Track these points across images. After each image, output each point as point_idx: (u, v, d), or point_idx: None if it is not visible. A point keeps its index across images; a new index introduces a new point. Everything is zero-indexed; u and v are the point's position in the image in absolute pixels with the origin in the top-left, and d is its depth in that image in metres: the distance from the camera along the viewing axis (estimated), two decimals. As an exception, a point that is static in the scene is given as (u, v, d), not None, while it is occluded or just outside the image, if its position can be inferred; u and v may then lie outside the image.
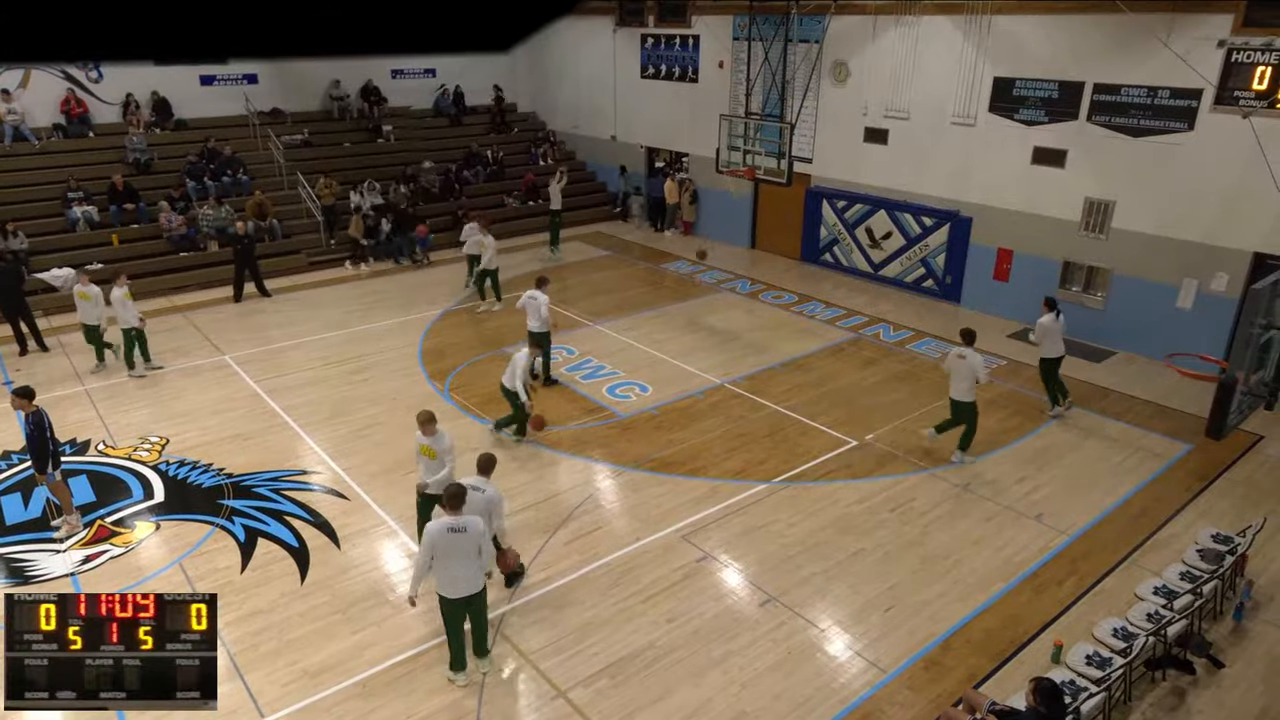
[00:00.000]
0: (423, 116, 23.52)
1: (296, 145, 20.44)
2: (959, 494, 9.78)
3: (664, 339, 14.43)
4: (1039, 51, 13.97)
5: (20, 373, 12.82)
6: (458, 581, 6.57)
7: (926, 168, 16.10)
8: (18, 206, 16.57)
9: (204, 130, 19.68)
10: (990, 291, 15.58)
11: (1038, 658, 7.18)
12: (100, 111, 19.18)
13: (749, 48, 17.82)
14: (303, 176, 19.27)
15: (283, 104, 21.32)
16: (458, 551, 6.50)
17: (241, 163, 19.32)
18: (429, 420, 8.05)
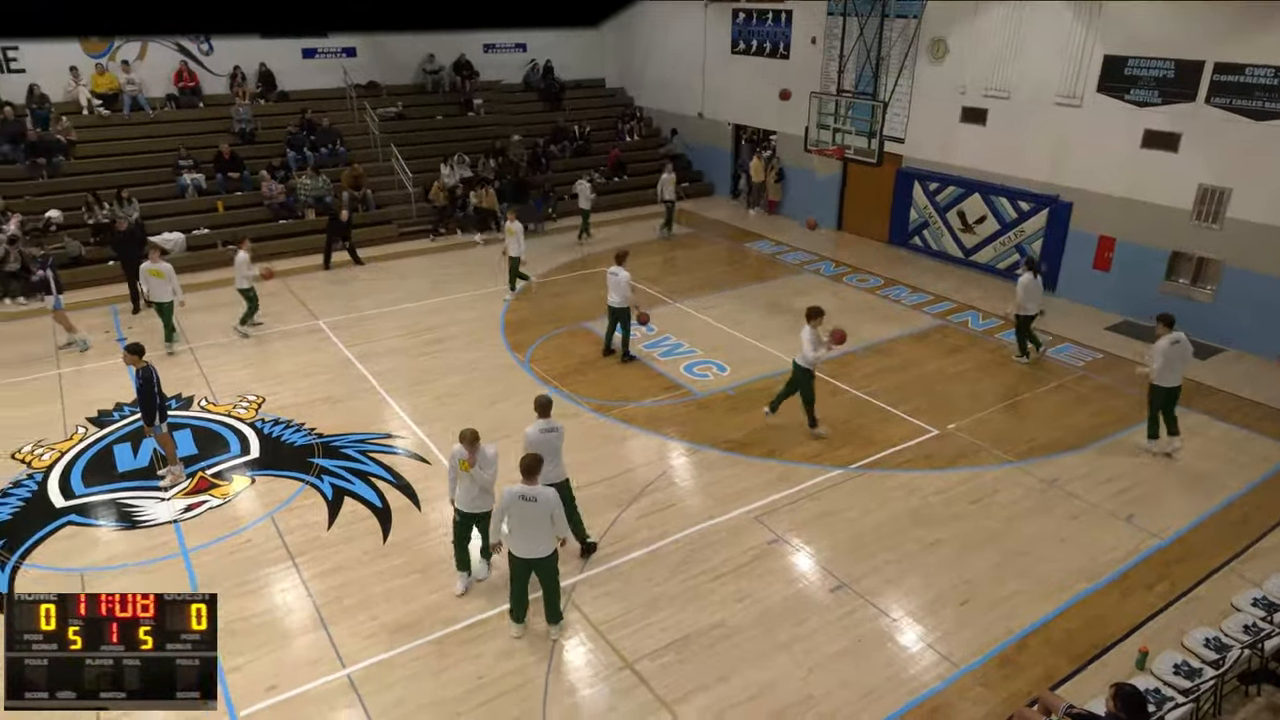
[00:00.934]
0: (513, 91, 23.77)
1: (391, 118, 20.95)
2: (1044, 489, 9.45)
3: (744, 319, 14.32)
4: (1155, 28, 13.16)
5: (132, 330, 13.63)
6: (526, 545, 6.87)
7: (1026, 150, 15.44)
8: (133, 173, 17.52)
9: (304, 102, 20.34)
10: (1089, 281, 14.89)
11: (1121, 663, 6.91)
12: (209, 83, 20.04)
13: (843, 23, 17.31)
14: (396, 149, 19.77)
15: (379, 77, 21.86)
16: (530, 519, 6.72)
17: (339, 134, 19.93)
18: (474, 440, 7.28)
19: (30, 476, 9.59)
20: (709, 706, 6.55)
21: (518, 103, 23.49)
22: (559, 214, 20.13)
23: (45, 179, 16.93)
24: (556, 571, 7.11)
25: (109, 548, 8.44)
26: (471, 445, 7.26)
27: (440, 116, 21.98)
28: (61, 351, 12.86)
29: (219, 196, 17.95)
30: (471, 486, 7.35)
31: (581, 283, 16.14)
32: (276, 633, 7.31)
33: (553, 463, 7.59)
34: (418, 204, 19.32)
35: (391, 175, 19.72)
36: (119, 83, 18.78)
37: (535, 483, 6.75)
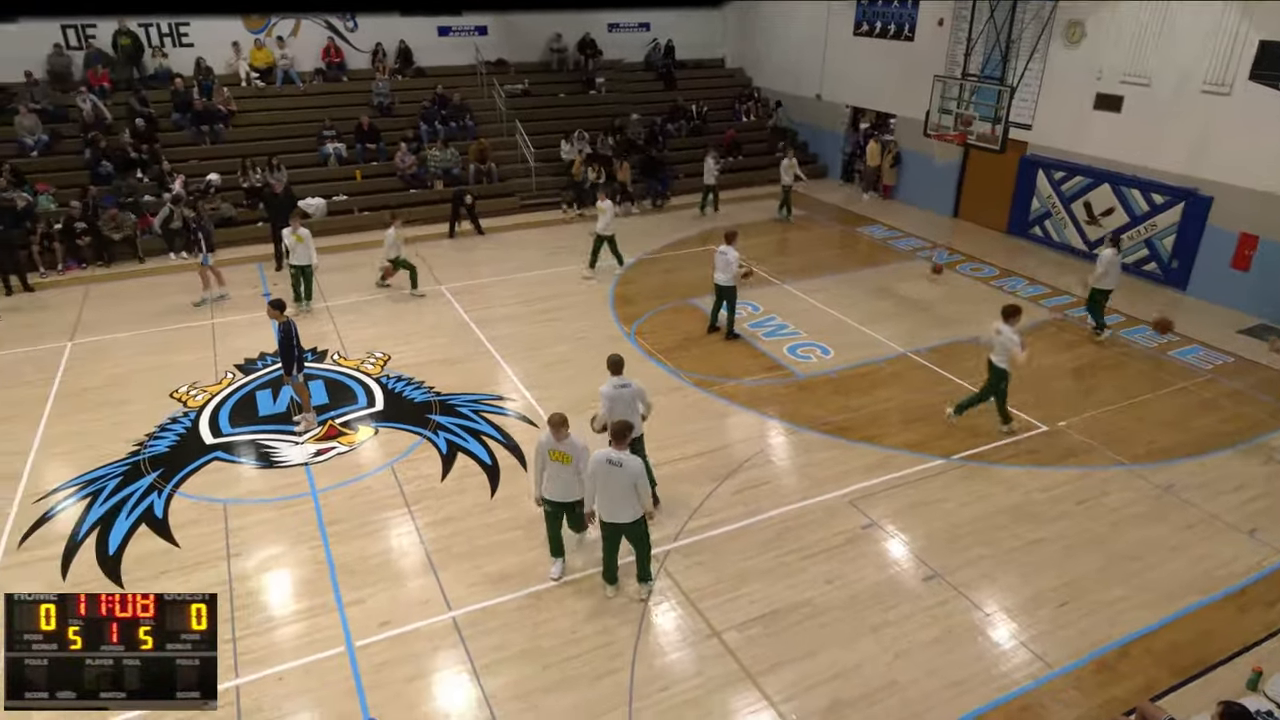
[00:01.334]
0: (633, 70, 23.76)
1: (517, 94, 21.32)
2: (1159, 495, 8.86)
3: (850, 303, 13.96)
4: (1322, 11, 11.93)
5: (277, 286, 14.49)
6: (609, 508, 6.95)
7: (1164, 140, 14.32)
8: (283, 141, 18.52)
9: (438, 78, 20.95)
10: (1225, 280, 13.75)
11: (1230, 682, 6.43)
12: (353, 59, 20.91)
13: (973, 5, 16.47)
14: (520, 125, 20.13)
15: (508, 55, 22.27)
16: (614, 483, 6.80)
17: (468, 109, 20.45)
18: (562, 424, 6.91)
19: (185, 414, 10.39)
20: (793, 682, 6.51)
21: (638, 81, 23.47)
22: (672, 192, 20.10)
23: (208, 145, 18.12)
24: (645, 535, 7.21)
25: (249, 483, 9.07)
26: (559, 430, 6.89)
27: (563, 94, 22.22)
28: (199, 307, 13.73)
29: (357, 165, 18.78)
30: (563, 473, 7.04)
31: (690, 260, 16.08)
32: (391, 573, 7.70)
33: (626, 415, 7.67)
34: (538, 178, 19.67)
35: (515, 150, 20.12)
36: (274, 57, 19.85)
37: (624, 448, 6.81)
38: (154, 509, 8.56)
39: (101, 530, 8.23)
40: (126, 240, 15.70)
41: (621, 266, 15.38)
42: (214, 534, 8.20)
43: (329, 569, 7.73)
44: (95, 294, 14.38)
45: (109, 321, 13.21)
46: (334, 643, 6.88)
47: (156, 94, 18.28)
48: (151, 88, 18.39)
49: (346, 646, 6.83)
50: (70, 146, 17.10)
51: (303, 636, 6.95)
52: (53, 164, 16.72)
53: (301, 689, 6.44)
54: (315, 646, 6.84)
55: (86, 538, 8.12)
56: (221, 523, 8.36)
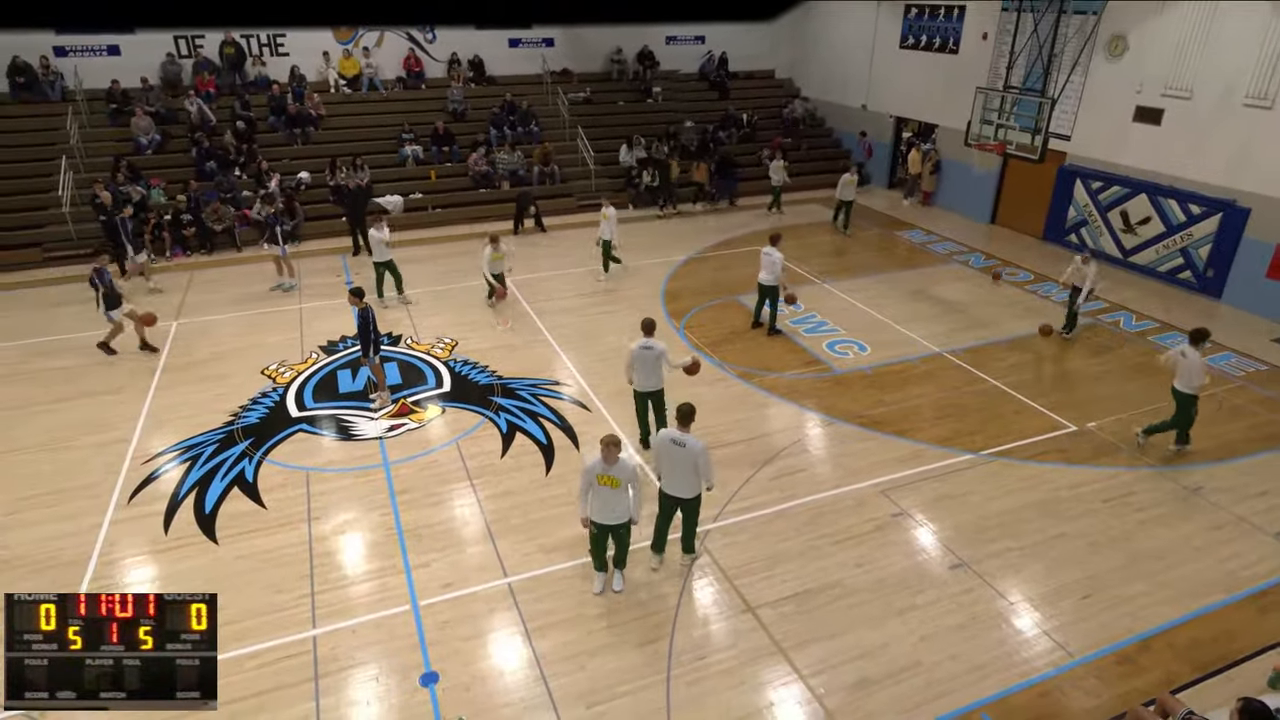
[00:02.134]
0: (689, 80, 23.62)
1: (579, 102, 21.39)
2: (1186, 496, 8.53)
3: (888, 303, 13.71)
4: (1370, 26, 11.26)
5: (358, 275, 14.82)
6: (672, 484, 7.01)
7: (1203, 152, 13.71)
8: (366, 144, 18.90)
9: (507, 86, 21.13)
10: (1261, 290, 13.13)
11: (1250, 680, 6.18)
12: (431, 68, 21.20)
13: (1017, 19, 15.95)
14: (582, 130, 20.19)
15: (572, 65, 22.33)
16: (678, 462, 6.87)
17: (534, 115, 20.59)
18: (614, 444, 6.49)
19: (274, 389, 10.72)
20: (822, 658, 6.46)
21: (692, 91, 23.33)
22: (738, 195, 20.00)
23: (299, 145, 18.59)
24: (697, 512, 7.25)
25: (329, 454, 9.33)
26: (611, 452, 6.48)
27: (622, 102, 22.21)
28: (273, 292, 14.11)
29: (433, 166, 19.06)
30: (611, 497, 6.64)
31: (738, 259, 15.96)
32: (454, 540, 7.85)
33: (649, 373, 8.56)
34: (597, 180, 19.72)
35: (576, 153, 20.19)
36: (360, 66, 20.24)
37: (688, 430, 6.84)
38: (245, 474, 8.87)
39: (199, 491, 8.55)
40: (226, 231, 16.23)
41: (605, 274, 14.87)
42: (297, 498, 8.46)
43: (398, 534, 7.91)
44: (198, 279, 14.90)
45: (210, 304, 13.68)
46: (401, 601, 7.05)
47: (255, 99, 18.82)
48: (251, 93, 18.93)
49: (412, 605, 7.00)
50: (179, 145, 17.73)
51: (373, 594, 7.13)
52: (164, 161, 17.36)
53: (371, 641, 6.62)
54: (384, 604, 7.02)
55: (186, 497, 8.46)
56: (304, 488, 8.62)
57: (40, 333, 12.46)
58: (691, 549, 7.47)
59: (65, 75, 17.90)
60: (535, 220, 17.75)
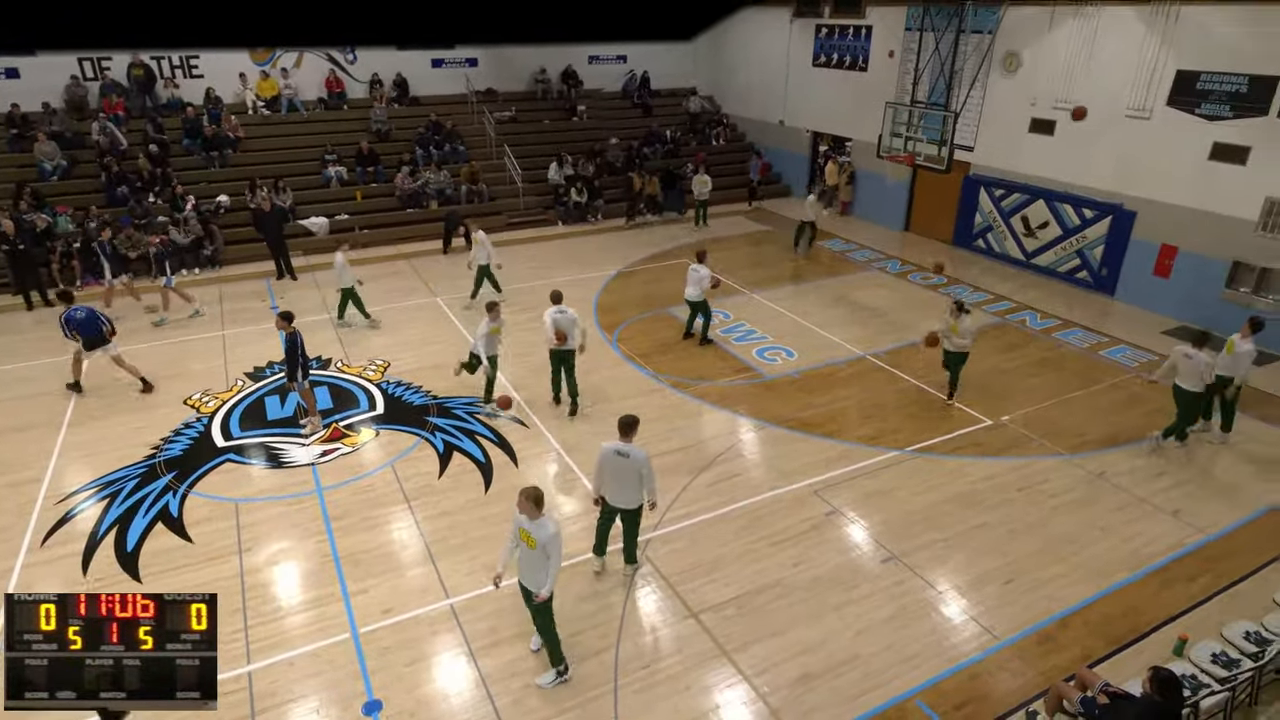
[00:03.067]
0: (612, 98, 23.79)
1: (505, 121, 21.27)
2: (1092, 481, 9.00)
3: (812, 310, 14.05)
4: (1230, 44, 12.18)
5: (283, 299, 14.33)
6: (617, 495, 7.00)
7: (1092, 160, 14.57)
8: (286, 165, 18.34)
9: (432, 106, 20.85)
10: (1149, 287, 14.01)
11: (1158, 649, 6.55)
12: (353, 88, 20.75)
13: (920, 38, 16.68)
14: (509, 149, 20.08)
15: (496, 85, 22.21)
16: (621, 472, 6.86)
17: (460, 135, 20.37)
18: (535, 500, 5.75)
19: (198, 419, 10.24)
20: (764, 657, 6.53)
21: (616, 109, 23.50)
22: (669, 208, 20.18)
23: (217, 168, 17.90)
24: (638, 523, 7.24)
25: (259, 483, 8.96)
26: (528, 505, 5.75)
27: (547, 121, 22.18)
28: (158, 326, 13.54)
29: (358, 187, 18.63)
30: (529, 557, 5.92)
31: (668, 272, 16.11)
32: (393, 564, 7.63)
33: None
34: (525, 197, 19.62)
35: (504, 171, 20.06)
36: (279, 87, 19.65)
37: (631, 440, 6.87)
38: (169, 508, 8.43)
39: (120, 528, 8.09)
40: (141, 257, 15.45)
41: (500, 294, 14.13)
42: (226, 530, 8.09)
43: (334, 561, 7.65)
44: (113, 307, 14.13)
45: (125, 333, 12.97)
46: (340, 630, 6.81)
47: (169, 121, 18.04)
48: (164, 115, 18.14)
49: (352, 633, 6.77)
50: (87, 171, 16.83)
51: (311, 624, 6.87)
52: (71, 187, 16.45)
53: (310, 672, 6.37)
54: (323, 633, 6.77)
55: (106, 535, 7.99)
56: (233, 519, 8.26)
57: (-63, 370, 11.60)
58: (633, 559, 7.46)
59: (-41, 99, 16.80)
60: (465, 239, 17.52)
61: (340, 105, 20.37)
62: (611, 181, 20.52)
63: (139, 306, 13.84)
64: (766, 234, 19.04)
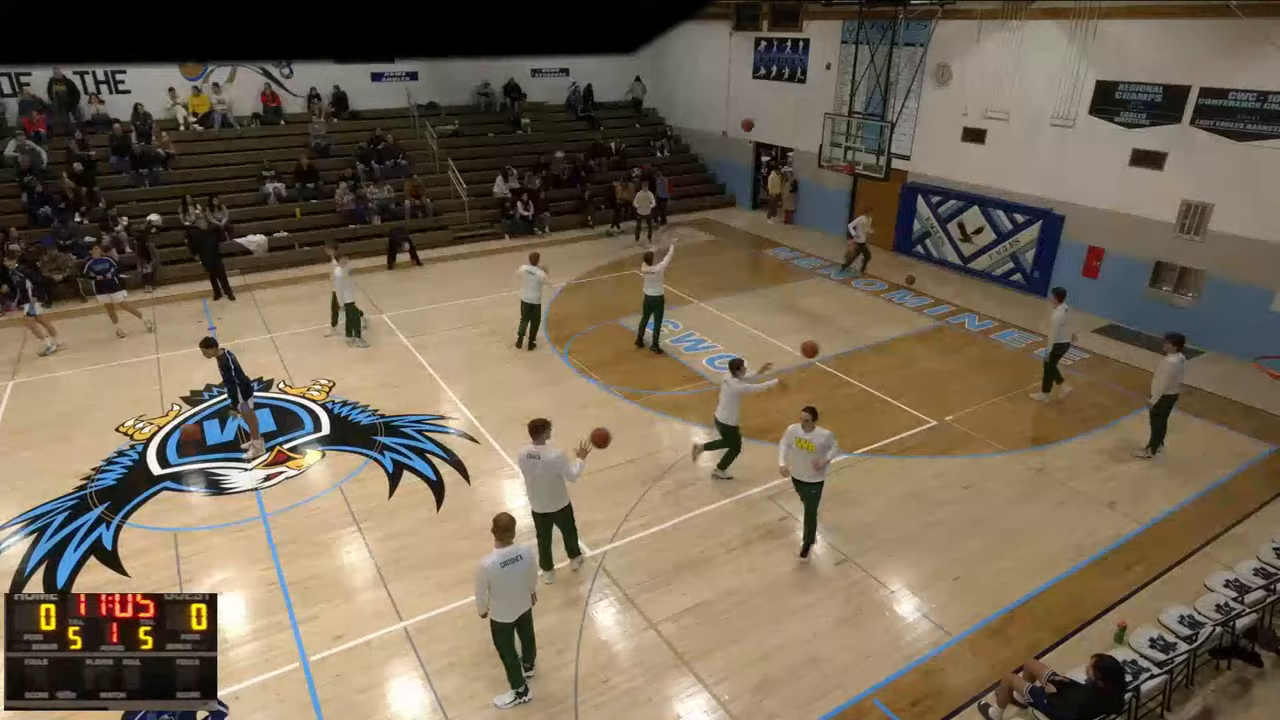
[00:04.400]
0: (556, 111, 23.79)
1: (448, 135, 21.07)
2: (1033, 477, 9.29)
3: (760, 318, 14.23)
4: (1144, 56, 12.84)
5: (221, 321, 13.88)
6: (540, 500, 7.06)
7: (1022, 167, 15.15)
8: (222, 182, 17.83)
9: (373, 120, 20.55)
10: (1078, 287, 14.52)
11: (1100, 637, 6.79)
12: (290, 103, 20.31)
13: (856, 51, 17.13)
14: (452, 163, 19.89)
15: (438, 98, 22.00)
16: (539, 475, 6.88)
17: (402, 149, 20.09)
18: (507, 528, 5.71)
19: (132, 447, 9.83)
20: (724, 665, 6.54)
21: (561, 122, 23.50)
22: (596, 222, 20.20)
23: (147, 186, 17.29)
24: (572, 520, 7.29)
25: (199, 511, 8.63)
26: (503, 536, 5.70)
27: (492, 134, 22.06)
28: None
29: (297, 204, 18.20)
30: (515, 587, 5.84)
31: (615, 284, 16.14)
32: (343, 589, 7.43)
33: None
34: (470, 211, 19.45)
35: (448, 186, 19.85)
36: (211, 102, 19.11)
37: (544, 442, 6.80)
38: (103, 540, 8.06)
39: (49, 564, 7.69)
40: (67, 280, 14.82)
41: (358, 336, 12.96)
42: (165, 561, 7.76)
43: (281, 588, 7.41)
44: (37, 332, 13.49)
45: (52, 360, 12.42)
46: (289, 659, 6.58)
47: (95, 138, 17.37)
48: (90, 132, 17.46)
49: (301, 662, 6.55)
50: (7, 190, 16.07)
51: (258, 655, 6.63)
52: (-11, 208, 15.68)
53: (257, 705, 6.14)
54: (270, 664, 6.53)
55: (34, 572, 7.58)
56: (172, 550, 7.93)
57: None
58: (576, 551, 7.55)
59: None
60: (410, 254, 17.27)
61: (277, 120, 19.91)
62: (558, 195, 20.49)
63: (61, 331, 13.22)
64: (712, 244, 19.23)
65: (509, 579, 5.74)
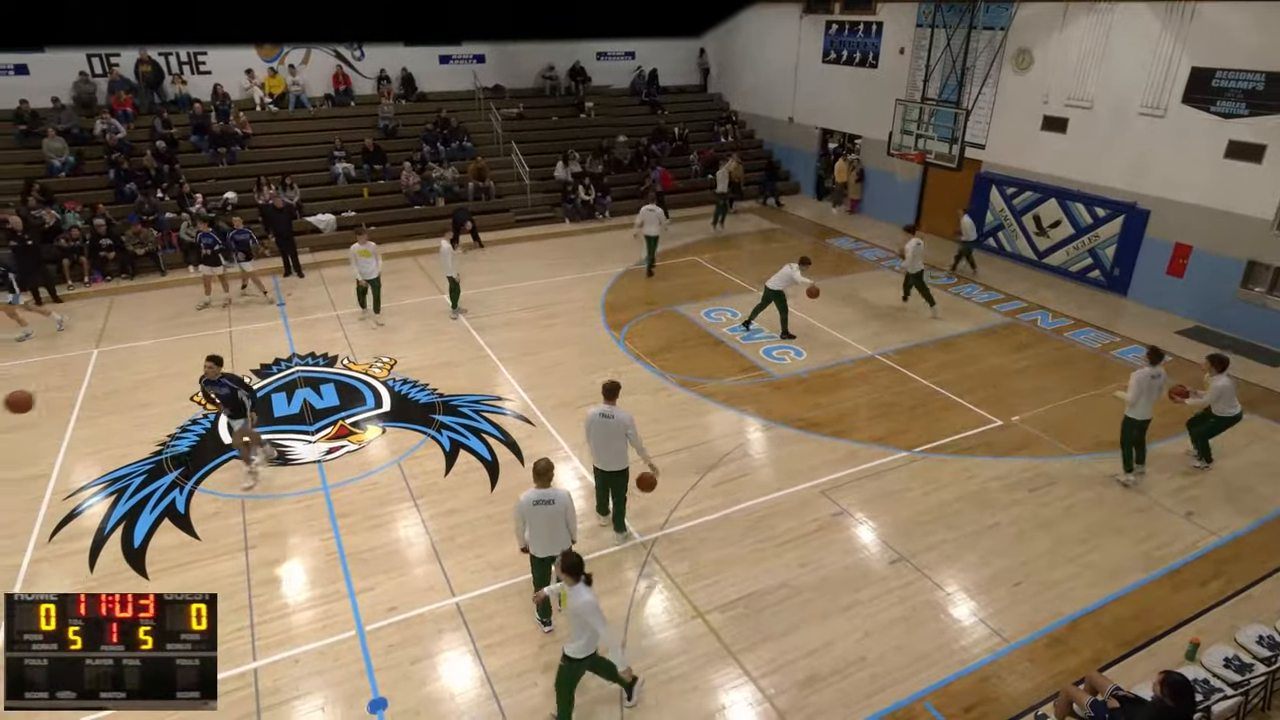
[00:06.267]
0: (620, 95, 23.77)
1: (512, 118, 21.28)
2: (1104, 483, 8.94)
3: (821, 309, 14.00)
4: (1246, 41, 12.08)
5: (290, 296, 14.38)
6: (604, 458, 7.55)
7: (1105, 158, 14.48)
8: (294, 162, 18.40)
9: (439, 102, 20.88)
10: (1162, 286, 13.92)
11: (1170, 653, 6.51)
12: (360, 85, 20.80)
13: (931, 35, 16.62)
14: (516, 145, 20.10)
15: (504, 81, 22.22)
16: (609, 432, 7.40)
17: (467, 131, 20.39)
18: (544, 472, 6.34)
19: (205, 416, 10.29)
20: (771, 659, 6.52)
21: (624, 105, 23.48)
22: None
23: (225, 165, 17.98)
24: (625, 487, 7.61)
25: (266, 480, 8.99)
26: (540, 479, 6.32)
27: (555, 117, 22.19)
28: (199, 311, 13.59)
29: (365, 184, 18.68)
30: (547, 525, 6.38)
31: (675, 270, 16.10)
32: (399, 562, 7.65)
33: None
34: (532, 194, 19.64)
35: (511, 169, 20.07)
36: (286, 84, 19.71)
37: (615, 404, 7.31)
38: (176, 504, 8.48)
39: (127, 525, 8.14)
40: (149, 254, 15.55)
41: (455, 311, 13.61)
42: (233, 527, 8.13)
43: (340, 559, 7.68)
44: (120, 304, 14.24)
45: (132, 330, 13.08)
46: (345, 627, 6.83)
47: (177, 118, 18.13)
48: (172, 112, 18.24)
49: (357, 630, 6.79)
50: (95, 167, 16.93)
51: (317, 622, 6.90)
52: (79, 184, 16.54)
53: (316, 670, 6.40)
54: (328, 631, 6.79)
55: (113, 532, 8.04)
56: (239, 516, 8.30)
57: (-53, 366, 11.69)
58: (622, 527, 7.81)
59: (-32, 96, 16.93)
60: (472, 236, 17.55)
61: (347, 101, 20.42)
62: (619, 179, 20.51)
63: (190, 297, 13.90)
64: (777, 232, 18.98)
65: (540, 516, 6.31)
